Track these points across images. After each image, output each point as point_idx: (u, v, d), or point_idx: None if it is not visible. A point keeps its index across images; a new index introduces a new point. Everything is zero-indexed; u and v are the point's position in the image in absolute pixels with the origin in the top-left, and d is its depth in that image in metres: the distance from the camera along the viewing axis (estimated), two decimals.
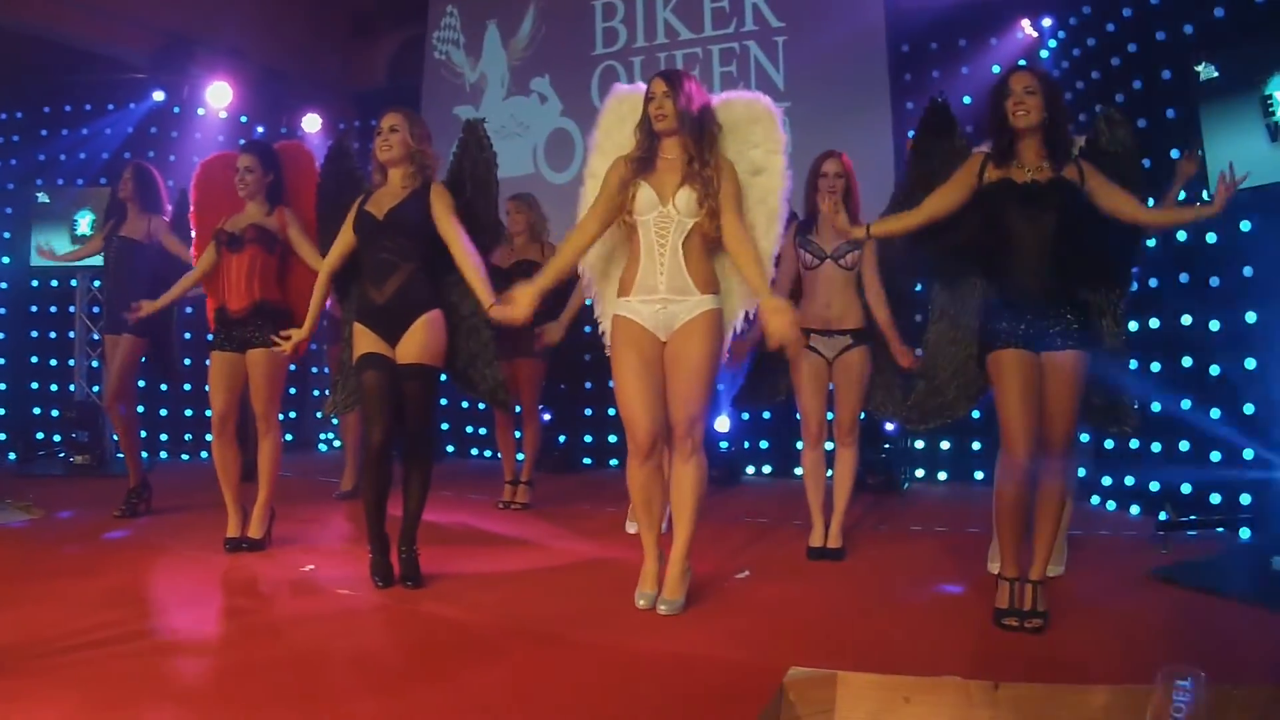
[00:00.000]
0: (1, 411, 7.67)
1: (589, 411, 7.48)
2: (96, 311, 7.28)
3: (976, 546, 3.91)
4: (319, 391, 8.27)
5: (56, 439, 7.63)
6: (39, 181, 7.58)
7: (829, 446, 4.15)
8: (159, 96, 7.83)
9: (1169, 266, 4.80)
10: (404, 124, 3.56)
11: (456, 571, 3.70)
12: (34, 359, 7.89)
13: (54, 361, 7.88)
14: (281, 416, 4.28)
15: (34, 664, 2.57)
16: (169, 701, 2.42)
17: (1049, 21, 6.15)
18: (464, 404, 7.76)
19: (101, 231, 5.38)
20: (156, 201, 5.12)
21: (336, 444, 8.19)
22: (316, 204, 3.92)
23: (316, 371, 8.54)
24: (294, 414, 8.49)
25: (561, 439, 7.50)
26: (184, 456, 7.78)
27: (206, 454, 4.61)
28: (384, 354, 3.50)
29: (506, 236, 5.11)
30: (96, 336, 7.16)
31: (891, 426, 5.77)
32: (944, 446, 6.37)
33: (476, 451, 8.14)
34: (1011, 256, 3.05)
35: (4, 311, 7.78)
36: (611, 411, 6.11)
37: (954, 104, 3.56)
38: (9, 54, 7.35)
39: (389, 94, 8.52)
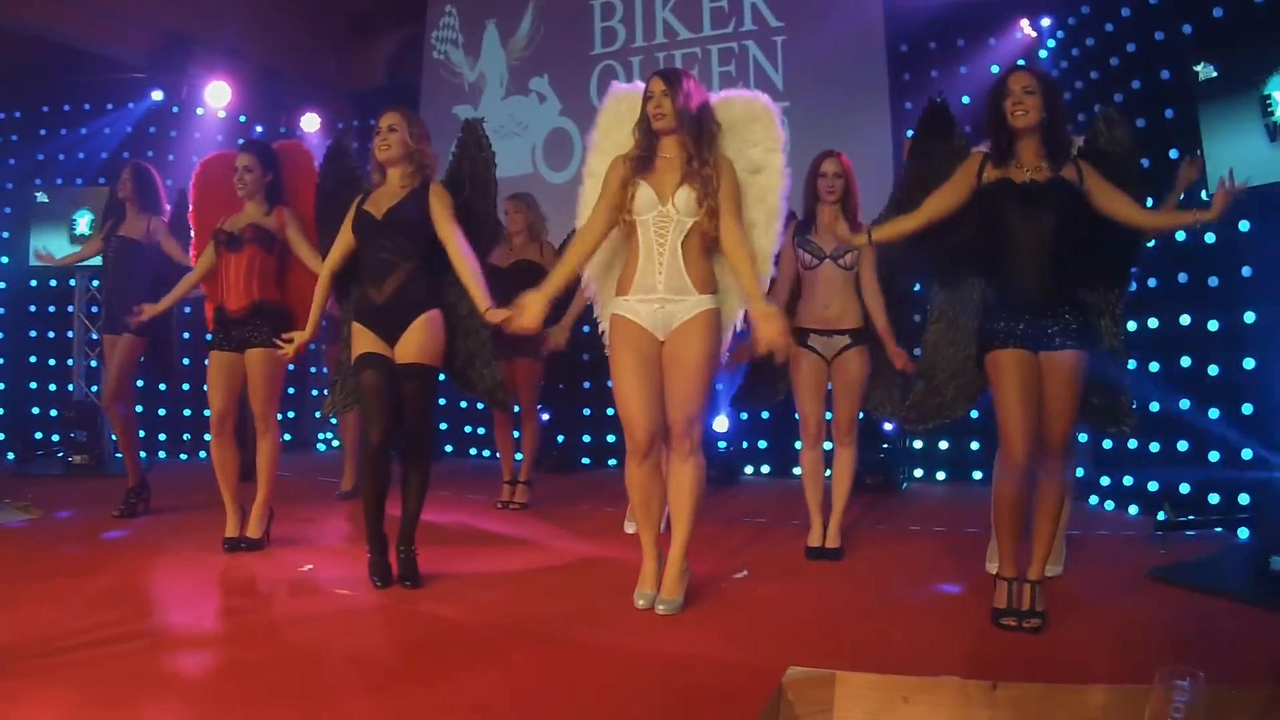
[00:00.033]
0: (0, 411, 7.66)
1: (588, 411, 7.48)
2: (95, 311, 7.28)
3: (975, 546, 3.91)
4: (318, 391, 8.27)
5: (55, 439, 7.63)
6: (38, 181, 7.58)
7: (827, 446, 4.15)
8: (158, 96, 7.83)
9: (1168, 266, 4.80)
10: (402, 123, 3.56)
11: (455, 571, 3.70)
12: (32, 359, 7.90)
13: (52, 361, 7.88)
14: (280, 416, 4.28)
15: (33, 664, 2.57)
16: (168, 701, 2.43)
17: (1048, 21, 6.16)
18: (463, 404, 7.76)
19: (100, 232, 5.37)
20: (155, 201, 5.11)
21: (335, 444, 8.19)
22: (315, 204, 3.92)
23: (315, 371, 8.53)
24: (293, 414, 8.49)
25: (560, 439, 7.50)
26: (182, 456, 7.77)
27: (205, 454, 4.61)
28: (382, 353, 3.50)
29: (505, 236, 5.11)
30: (95, 336, 7.15)
31: (890, 426, 5.78)
32: (942, 446, 6.37)
33: (475, 451, 8.14)
34: (1010, 256, 3.04)
35: (3, 311, 7.78)
36: (610, 411, 6.11)
37: (953, 104, 3.55)
38: (8, 54, 7.34)
39: (388, 93, 8.54)
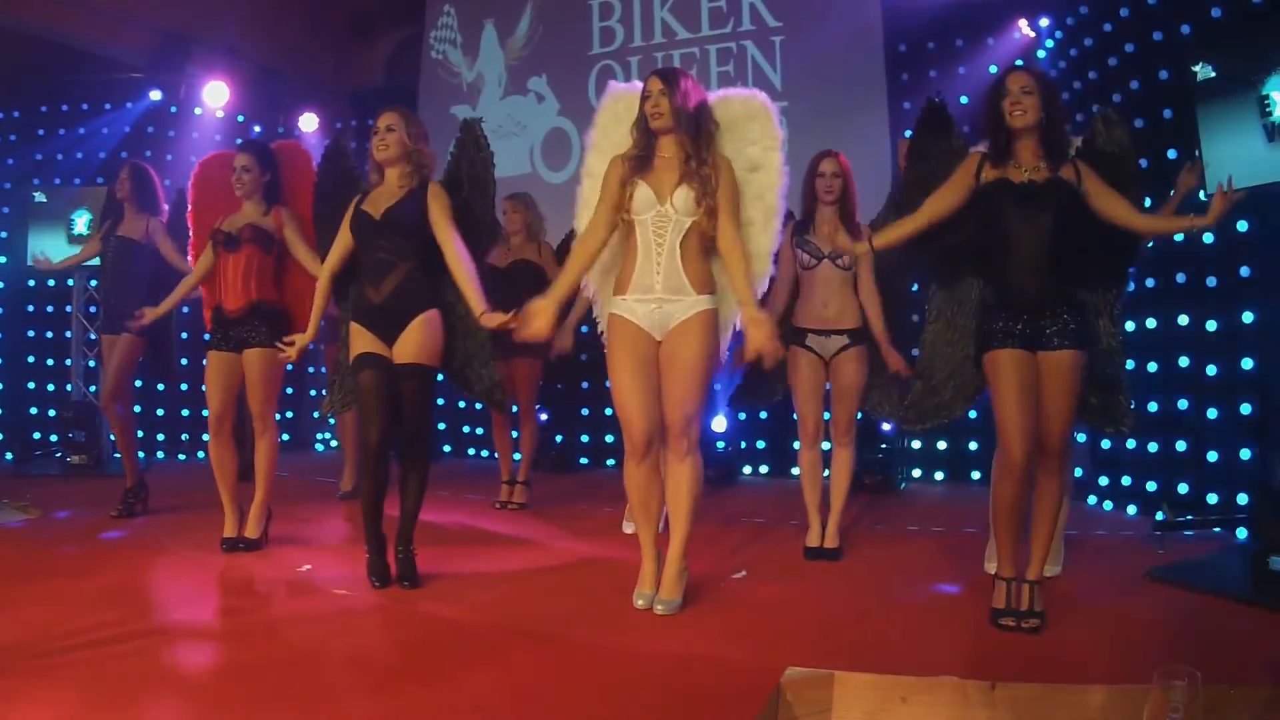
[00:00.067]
0: None
1: (586, 411, 7.48)
2: (93, 311, 7.27)
3: (973, 546, 3.92)
4: (316, 391, 8.26)
5: (53, 439, 7.63)
6: (36, 181, 7.59)
7: (826, 446, 4.15)
8: (156, 96, 7.82)
9: (1166, 266, 4.80)
10: (401, 123, 3.55)
11: (453, 571, 3.70)
12: (31, 359, 7.90)
13: (51, 361, 7.88)
14: (278, 416, 4.28)
15: (32, 664, 2.57)
16: (167, 701, 2.43)
17: (1046, 21, 6.15)
18: (461, 404, 7.75)
19: (99, 232, 5.36)
20: (153, 202, 5.10)
21: (334, 444, 8.19)
22: (313, 203, 3.92)
23: (314, 371, 8.52)
24: (291, 414, 8.49)
25: (559, 439, 7.49)
26: (181, 456, 7.77)
27: (203, 454, 4.60)
28: (381, 354, 3.50)
29: (503, 236, 5.11)
30: (93, 336, 7.14)
31: (888, 426, 5.77)
32: (941, 446, 6.37)
33: (474, 451, 8.13)
34: (1008, 256, 3.04)
35: (1, 311, 7.77)
36: (608, 411, 6.10)
37: (951, 104, 3.56)
38: (7, 53, 7.34)
39: (386, 93, 8.54)
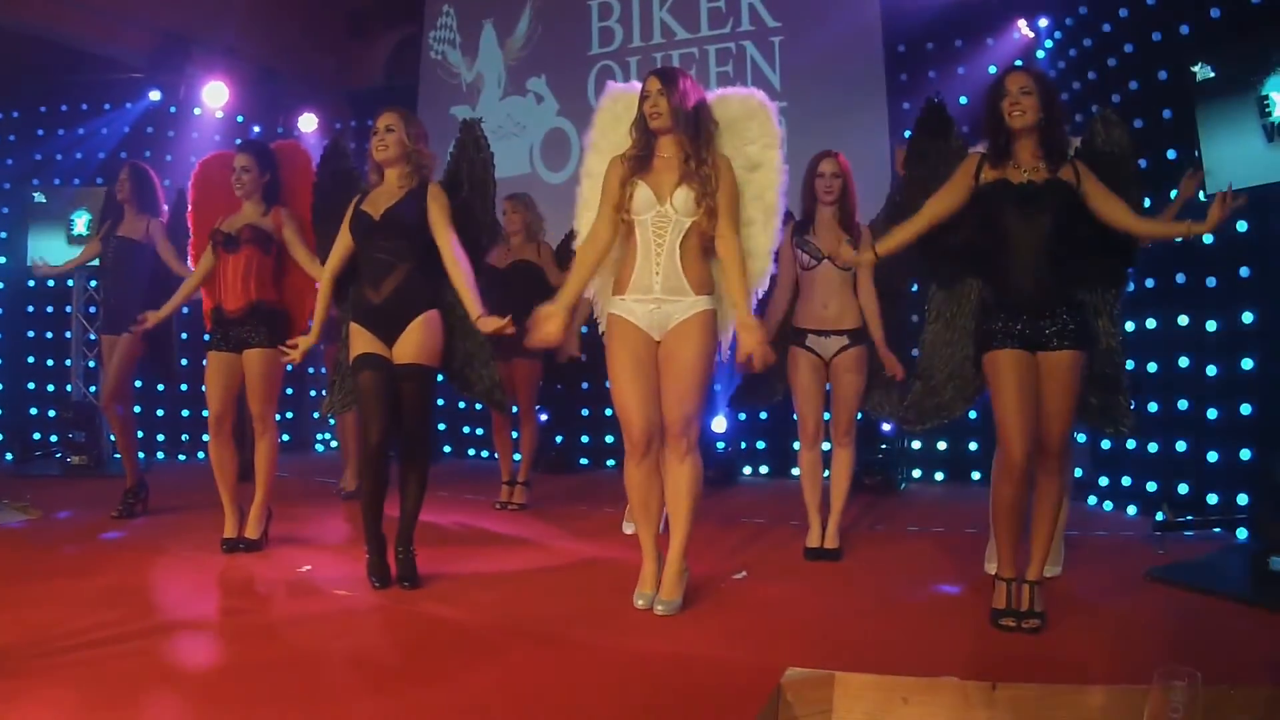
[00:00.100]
0: None
1: (586, 412, 7.47)
2: (93, 312, 7.27)
3: (973, 547, 3.91)
4: (316, 392, 8.26)
5: (54, 439, 7.62)
6: (35, 181, 7.58)
7: (826, 447, 4.15)
8: (155, 96, 7.81)
9: (1165, 266, 4.80)
10: (400, 124, 3.55)
11: (453, 572, 3.70)
12: (31, 359, 7.90)
13: (51, 362, 7.87)
14: (278, 417, 4.27)
15: (32, 664, 2.57)
16: (167, 701, 2.42)
17: (1045, 22, 6.16)
18: (461, 404, 7.74)
19: (98, 233, 5.35)
20: (153, 202, 5.09)
21: (334, 444, 8.18)
22: (313, 204, 3.92)
23: (313, 372, 8.51)
24: (291, 414, 8.48)
25: (558, 439, 7.49)
26: (181, 457, 7.76)
27: (203, 454, 4.60)
28: (381, 354, 3.49)
29: (503, 236, 5.11)
30: (93, 337, 7.14)
31: (888, 427, 5.77)
32: (941, 447, 6.37)
33: (474, 452, 8.13)
34: (1008, 257, 3.04)
35: (1, 312, 7.77)
36: (608, 412, 6.10)
37: (950, 104, 3.56)
38: (7, 53, 7.33)
39: (385, 94, 8.52)
